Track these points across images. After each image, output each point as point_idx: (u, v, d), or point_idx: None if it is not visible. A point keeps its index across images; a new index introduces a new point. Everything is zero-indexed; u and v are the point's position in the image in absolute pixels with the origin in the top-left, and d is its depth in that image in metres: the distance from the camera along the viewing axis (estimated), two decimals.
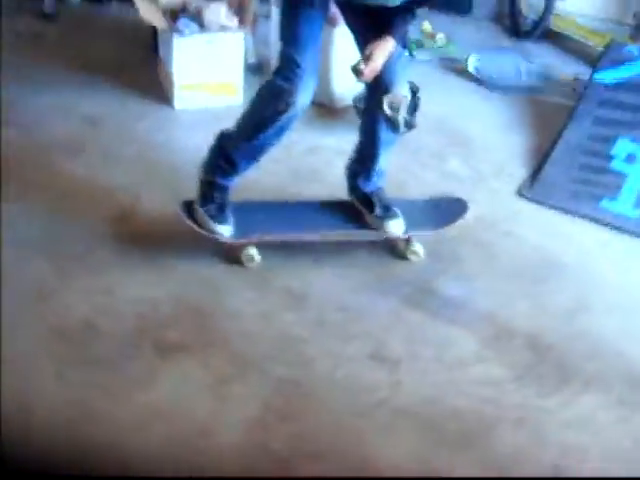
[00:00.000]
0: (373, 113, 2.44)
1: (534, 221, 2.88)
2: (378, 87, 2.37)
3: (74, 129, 3.19)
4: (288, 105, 2.30)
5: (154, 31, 3.61)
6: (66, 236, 2.58)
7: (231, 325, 2.29)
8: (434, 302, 2.44)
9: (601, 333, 2.37)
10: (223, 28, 3.34)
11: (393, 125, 2.38)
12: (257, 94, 2.42)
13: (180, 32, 3.28)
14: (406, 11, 2.27)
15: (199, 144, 3.10)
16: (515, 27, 4.67)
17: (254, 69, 3.71)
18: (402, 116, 2.35)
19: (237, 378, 2.11)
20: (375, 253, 2.61)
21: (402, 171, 2.73)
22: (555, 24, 4.59)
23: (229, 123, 3.27)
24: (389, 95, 2.34)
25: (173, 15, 3.40)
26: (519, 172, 3.19)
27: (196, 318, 2.31)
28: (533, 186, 3.09)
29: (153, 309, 2.31)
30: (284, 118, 2.33)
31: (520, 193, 3.04)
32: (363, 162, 2.58)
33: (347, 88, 3.27)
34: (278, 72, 2.36)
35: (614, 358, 2.28)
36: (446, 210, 2.69)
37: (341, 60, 2.36)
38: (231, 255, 2.50)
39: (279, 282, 2.46)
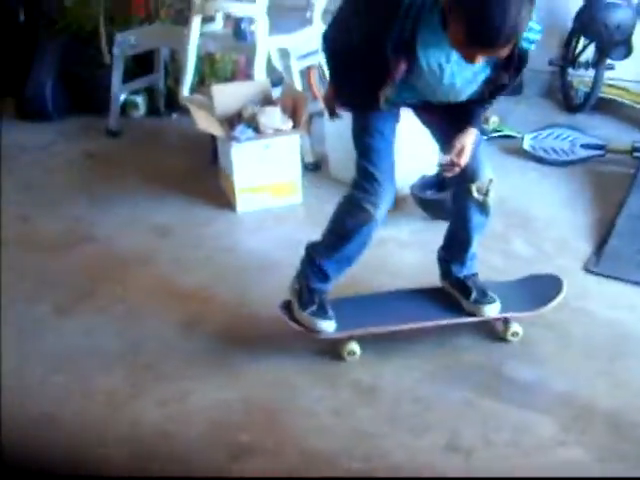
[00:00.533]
0: (463, 200, 2.46)
1: (604, 296, 2.82)
2: (465, 175, 2.39)
3: (146, 240, 3.32)
4: (369, 218, 2.35)
5: (213, 139, 3.75)
6: (140, 344, 2.65)
7: (303, 423, 2.29)
8: (507, 388, 2.39)
9: None
10: (279, 131, 3.45)
11: (484, 209, 2.44)
12: (338, 208, 2.46)
13: (237, 139, 3.39)
14: (481, 99, 2.29)
15: (264, 245, 3.23)
16: (567, 101, 4.70)
17: (312, 168, 3.82)
18: (491, 198, 2.41)
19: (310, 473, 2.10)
20: (439, 341, 2.59)
21: None
22: (607, 93, 4.60)
23: (292, 223, 3.41)
24: (477, 182, 2.39)
25: (230, 122, 3.53)
26: (584, 247, 3.15)
27: (268, 418, 2.32)
28: (599, 260, 3.04)
29: (225, 413, 2.33)
30: (366, 229, 2.37)
31: (587, 268, 2.99)
32: (456, 248, 2.60)
33: (403, 178, 3.31)
34: (356, 186, 2.38)
35: None
36: (542, 289, 2.68)
37: (398, 150, 2.40)
38: (330, 352, 2.54)
39: (348, 377, 2.47)
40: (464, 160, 2.31)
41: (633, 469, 2.08)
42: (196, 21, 4.06)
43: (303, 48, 3.96)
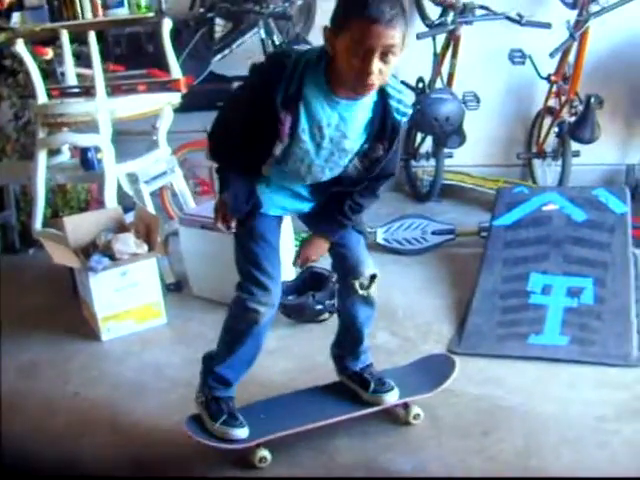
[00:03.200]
0: (347, 296, 2.55)
1: (470, 374, 2.90)
2: (347, 273, 2.50)
3: (12, 383, 3.17)
4: (258, 318, 2.38)
5: (71, 271, 3.70)
6: None
7: None
8: None
9: (556, 472, 2.37)
10: (135, 256, 3.45)
11: (368, 301, 2.53)
12: (228, 313, 2.48)
13: (94, 269, 3.36)
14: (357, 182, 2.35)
15: (132, 372, 3.16)
16: (415, 191, 4.97)
17: (174, 288, 3.83)
18: (374, 291, 2.51)
19: None
20: (314, 445, 2.59)
21: (330, 359, 2.77)
22: (450, 180, 4.89)
23: (158, 345, 3.36)
24: (360, 278, 2.48)
25: (85, 253, 3.51)
26: (446, 329, 3.27)
27: None
28: (461, 340, 3.16)
29: None
30: (256, 329, 2.40)
31: (450, 350, 3.08)
32: (349, 343, 2.66)
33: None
34: (242, 289, 2.40)
35: None
36: (435, 368, 2.78)
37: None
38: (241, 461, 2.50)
39: None
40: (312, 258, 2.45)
41: None
42: (42, 155, 4.06)
43: (152, 171, 4.03)
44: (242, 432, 2.46)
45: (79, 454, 2.66)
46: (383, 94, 2.20)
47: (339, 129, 2.19)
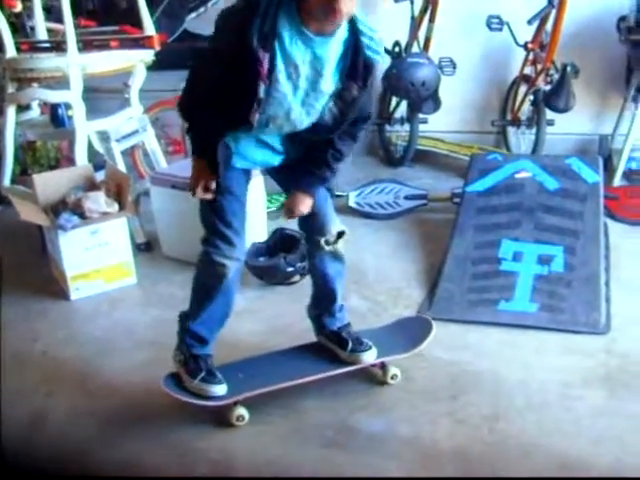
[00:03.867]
0: (316, 254, 2.56)
1: (440, 339, 2.89)
2: (313, 232, 2.52)
3: None
4: (225, 271, 2.38)
5: (40, 229, 3.65)
6: None
7: None
8: (357, 441, 2.43)
9: (522, 435, 2.40)
10: (105, 215, 3.41)
11: (336, 257, 2.55)
12: (196, 267, 2.48)
13: (63, 227, 3.32)
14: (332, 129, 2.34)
15: (101, 331, 3.14)
16: (388, 156, 4.95)
17: (144, 248, 3.80)
18: (341, 246, 2.53)
19: None
20: (285, 404, 2.60)
21: (301, 317, 2.77)
22: (424, 145, 4.88)
23: (127, 305, 3.34)
24: (326, 235, 2.50)
25: (55, 211, 3.46)
26: (416, 294, 3.28)
27: None
28: (432, 305, 3.18)
29: None
30: (225, 283, 2.40)
31: (420, 314, 3.10)
32: (324, 302, 2.67)
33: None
34: (208, 243, 2.40)
35: (542, 455, 2.30)
36: (413, 330, 2.80)
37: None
38: (219, 418, 2.50)
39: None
40: (294, 216, 2.46)
41: None
42: (10, 110, 3.99)
43: (123, 129, 3.97)
44: (220, 389, 2.47)
45: (49, 411, 2.65)
46: (354, 30, 2.21)
47: (314, 67, 2.20)
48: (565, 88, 4.24)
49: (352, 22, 2.20)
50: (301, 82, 2.21)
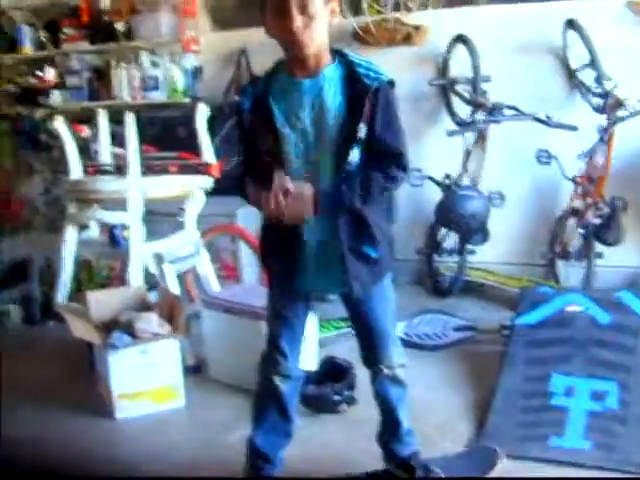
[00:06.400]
0: (377, 379, 2.57)
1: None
2: (375, 358, 2.55)
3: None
4: (277, 389, 2.47)
5: (90, 346, 3.69)
6: None
7: None
8: None
9: None
10: (156, 336, 3.44)
11: (395, 381, 2.56)
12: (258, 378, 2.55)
13: (113, 346, 3.35)
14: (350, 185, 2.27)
15: (143, 453, 3.10)
16: (436, 287, 4.94)
17: (193, 370, 3.79)
18: (401, 371, 2.55)
19: None
20: None
21: (347, 446, 2.72)
22: (472, 276, 4.88)
23: (173, 427, 3.31)
24: (385, 362, 2.52)
25: (106, 329, 3.51)
26: (465, 428, 3.19)
27: None
28: (480, 440, 3.09)
29: None
30: (278, 399, 2.48)
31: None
32: (390, 427, 2.65)
33: None
34: (263, 357, 2.49)
35: None
36: (479, 459, 2.78)
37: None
38: None
39: None
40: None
41: None
42: (70, 230, 4.11)
43: (177, 252, 4.05)
44: None
45: None
46: (349, 65, 2.27)
47: (314, 108, 2.25)
48: (615, 222, 4.26)
49: (343, 57, 2.28)
50: (307, 126, 2.27)
